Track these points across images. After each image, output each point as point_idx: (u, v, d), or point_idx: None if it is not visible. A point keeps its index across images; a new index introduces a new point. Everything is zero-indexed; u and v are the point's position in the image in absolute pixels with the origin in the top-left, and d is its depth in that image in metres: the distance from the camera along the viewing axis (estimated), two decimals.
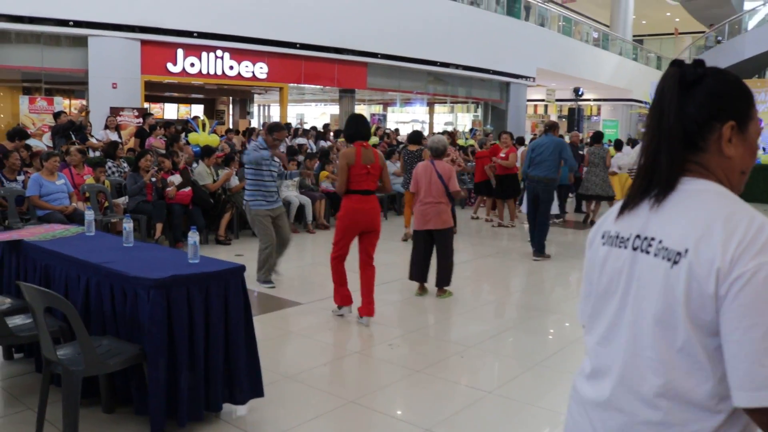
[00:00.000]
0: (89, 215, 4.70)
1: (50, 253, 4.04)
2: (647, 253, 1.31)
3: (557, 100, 35.66)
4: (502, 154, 11.15)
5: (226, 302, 3.53)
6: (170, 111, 22.68)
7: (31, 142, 10.13)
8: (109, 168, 9.42)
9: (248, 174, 6.71)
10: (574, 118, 25.97)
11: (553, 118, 38.48)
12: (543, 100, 35.01)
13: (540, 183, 8.28)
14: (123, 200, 8.86)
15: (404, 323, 5.76)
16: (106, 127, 12.43)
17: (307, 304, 6.26)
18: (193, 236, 3.81)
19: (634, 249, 1.34)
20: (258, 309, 6.16)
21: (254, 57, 16.86)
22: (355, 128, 5.54)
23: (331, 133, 16.08)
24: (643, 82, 34.13)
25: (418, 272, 6.58)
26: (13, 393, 4.10)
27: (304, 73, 18.14)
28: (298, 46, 17.34)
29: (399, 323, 5.73)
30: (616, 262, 1.37)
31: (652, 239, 1.30)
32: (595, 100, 36.09)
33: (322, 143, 14.94)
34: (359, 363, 4.88)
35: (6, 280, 4.50)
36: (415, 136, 10.29)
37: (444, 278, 6.48)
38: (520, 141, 14.24)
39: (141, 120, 14.15)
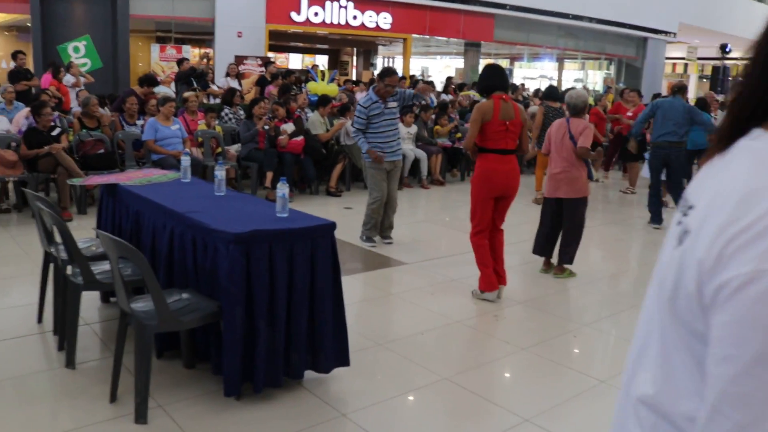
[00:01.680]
0: (185, 161, 4.54)
1: (141, 199, 3.90)
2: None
3: (699, 59, 33.15)
4: (629, 114, 10.26)
5: (313, 262, 3.22)
6: (295, 61, 22.77)
7: (160, 89, 10.31)
8: (226, 114, 9.42)
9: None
10: (718, 78, 23.79)
11: (693, 78, 35.87)
12: (683, 59, 32.47)
13: (672, 149, 7.52)
14: (236, 147, 8.83)
15: (514, 293, 5.24)
16: (227, 75, 12.51)
17: (412, 264, 5.92)
18: (282, 188, 3.50)
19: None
20: (358, 266, 5.92)
21: (378, 6, 16.52)
22: (492, 79, 4.89)
23: (453, 87, 15.51)
24: None
25: (542, 246, 5.79)
26: (103, 338, 4.05)
27: (429, 24, 17.62)
28: None
29: (509, 293, 5.23)
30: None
31: (689, 207, 0.89)
32: (743, 58, 33.00)
33: (444, 97, 14.43)
34: (460, 334, 4.48)
35: (104, 223, 4.44)
36: (553, 92, 9.58)
37: (566, 255, 5.66)
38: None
39: (263, 69, 14.19)
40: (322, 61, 22.84)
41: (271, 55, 16.45)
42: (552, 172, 5.62)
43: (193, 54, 15.93)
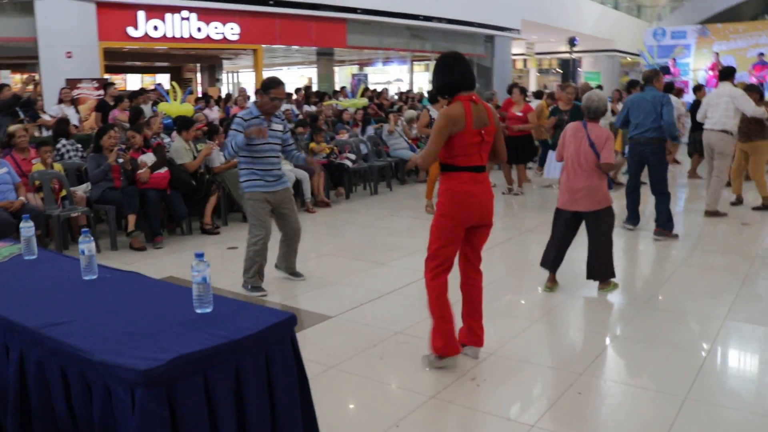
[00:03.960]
0: (27, 230, 3.14)
1: None
2: None
3: (537, 54, 34.45)
4: (518, 113, 9.78)
5: (270, 381, 2.13)
6: (133, 82, 20.86)
7: None
8: (63, 147, 7.87)
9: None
10: (569, 69, 24.67)
11: (533, 72, 37.24)
12: (522, 54, 33.55)
13: (648, 145, 6.89)
14: (84, 188, 7.36)
15: (502, 337, 4.07)
16: (61, 101, 10.79)
17: (337, 317, 4.81)
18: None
19: None
20: None
21: (224, 17, 15.24)
22: (455, 74, 3.62)
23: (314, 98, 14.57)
24: (624, 31, 32.96)
25: (552, 259, 5.30)
26: None
27: (279, 33, 16.55)
28: (271, 2, 15.75)
29: (494, 334, 4.16)
30: None
31: None
32: (576, 51, 34.78)
33: (307, 108, 13.44)
34: (443, 414, 3.47)
35: None
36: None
37: (605, 270, 5.22)
38: (538, 95, 12.93)
39: (102, 92, 12.51)
40: (163, 79, 21.06)
41: (106, 76, 14.69)
42: (572, 186, 5.04)
43: (14, 80, 13.87)
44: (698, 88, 12.03)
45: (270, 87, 5.16)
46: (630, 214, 7.42)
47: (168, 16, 14.30)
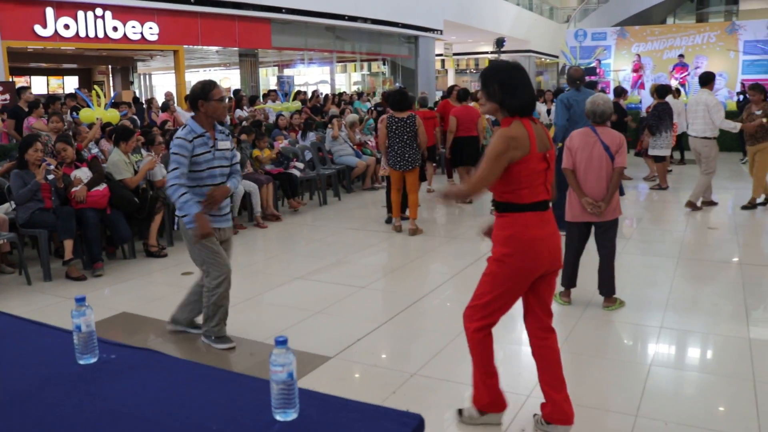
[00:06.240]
0: None
1: None
2: None
3: (454, 54, 34.60)
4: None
5: None
6: (38, 85, 19.25)
7: None
8: None
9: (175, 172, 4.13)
10: None
11: (452, 72, 37.33)
12: (440, 55, 33.62)
13: None
14: (5, 209, 6.41)
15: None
16: None
17: (336, 358, 4.16)
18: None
19: None
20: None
21: (142, 15, 14.21)
22: (520, 89, 2.93)
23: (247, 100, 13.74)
24: (540, 33, 33.49)
25: (570, 276, 5.06)
26: None
27: (202, 33, 15.60)
28: (192, 1, 14.80)
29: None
30: None
31: None
32: (492, 52, 35.12)
33: (240, 112, 12.61)
34: None
35: None
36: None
37: (610, 284, 4.97)
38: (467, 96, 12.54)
39: (7, 97, 11.30)
40: (71, 82, 19.61)
41: (11, 79, 13.37)
42: (592, 196, 4.72)
43: None
44: (620, 93, 12.04)
45: (210, 89, 4.15)
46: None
47: (80, 14, 13.17)
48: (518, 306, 3.15)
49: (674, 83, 17.95)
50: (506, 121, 2.93)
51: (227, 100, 4.36)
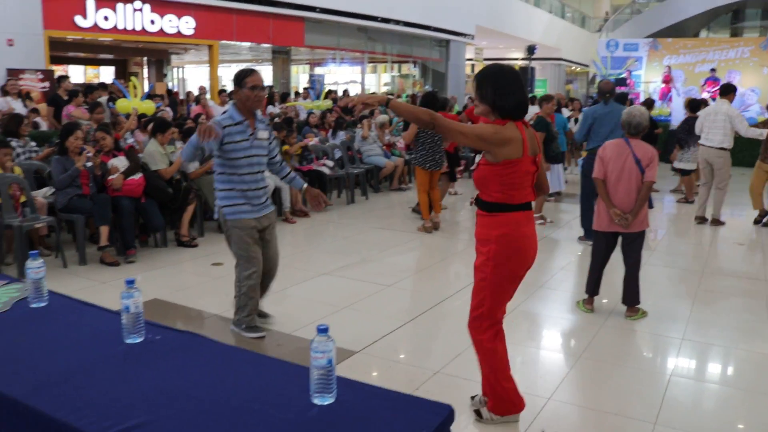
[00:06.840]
0: (35, 269, 2.50)
1: None
2: None
3: (485, 59, 34.56)
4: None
5: None
6: (76, 74, 19.63)
7: None
8: (20, 147, 7.07)
9: (216, 164, 4.29)
10: (527, 77, 24.64)
11: None
12: (471, 60, 33.61)
13: None
14: (45, 192, 6.59)
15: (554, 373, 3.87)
16: (6, 93, 9.87)
17: (362, 353, 4.26)
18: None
19: None
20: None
21: (179, 10, 14.46)
22: (508, 89, 3.00)
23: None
24: (571, 41, 33.37)
25: (595, 283, 5.13)
26: None
27: (236, 29, 15.83)
28: None
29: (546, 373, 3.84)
30: None
31: None
32: (523, 58, 35.07)
33: (271, 108, 12.78)
34: None
35: None
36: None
37: (635, 294, 5.03)
38: None
39: (47, 84, 11.58)
40: (107, 72, 19.96)
41: (50, 67, 13.67)
42: (620, 207, 4.81)
43: None
44: (649, 104, 11.92)
45: (244, 76, 4.18)
46: (587, 231, 7.15)
47: (119, 6, 13.45)
48: (545, 315, 3.22)
49: (706, 96, 17.82)
50: (499, 124, 3.04)
51: (265, 91, 4.41)
